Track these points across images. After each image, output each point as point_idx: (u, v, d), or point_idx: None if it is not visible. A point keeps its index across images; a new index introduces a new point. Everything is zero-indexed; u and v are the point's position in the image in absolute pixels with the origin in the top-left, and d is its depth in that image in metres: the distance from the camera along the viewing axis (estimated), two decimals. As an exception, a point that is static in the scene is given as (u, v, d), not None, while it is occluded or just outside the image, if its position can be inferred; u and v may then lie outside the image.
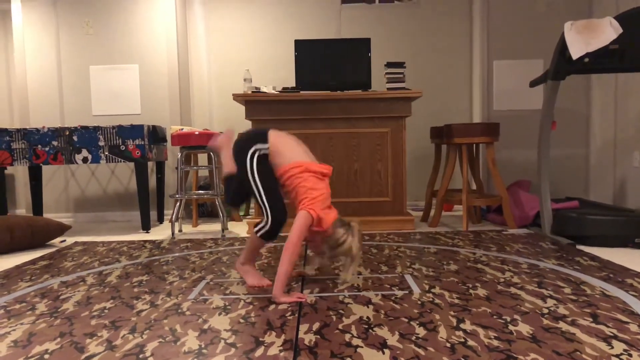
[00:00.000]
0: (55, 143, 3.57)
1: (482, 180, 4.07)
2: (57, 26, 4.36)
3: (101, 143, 3.57)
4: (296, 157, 2.01)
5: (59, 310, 1.84)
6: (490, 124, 3.50)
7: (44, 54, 4.38)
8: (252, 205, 4.55)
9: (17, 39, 4.37)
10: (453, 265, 2.37)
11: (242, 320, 1.67)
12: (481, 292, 1.91)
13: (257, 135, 2.05)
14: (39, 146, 3.57)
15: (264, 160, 2.00)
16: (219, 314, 1.74)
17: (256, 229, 2.00)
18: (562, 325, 1.53)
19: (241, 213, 4.44)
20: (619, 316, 1.60)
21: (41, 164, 3.63)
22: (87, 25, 4.33)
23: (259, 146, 1.99)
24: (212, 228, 3.86)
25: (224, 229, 3.49)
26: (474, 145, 3.83)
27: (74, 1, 4.33)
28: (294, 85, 3.67)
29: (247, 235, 3.41)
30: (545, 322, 1.56)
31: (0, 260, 2.85)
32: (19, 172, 4.82)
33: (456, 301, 1.80)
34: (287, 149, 2.03)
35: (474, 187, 3.98)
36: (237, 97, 3.45)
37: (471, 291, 1.92)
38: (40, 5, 4.34)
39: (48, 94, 4.40)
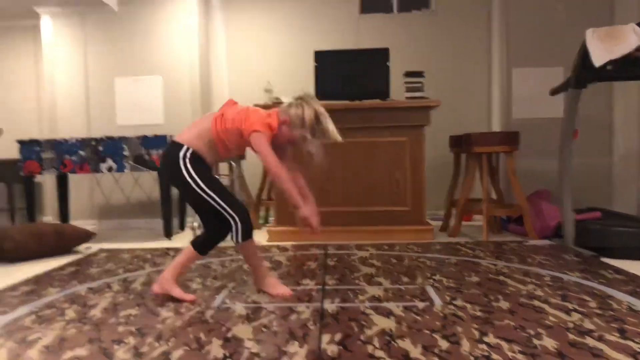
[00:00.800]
0: (82, 153, 3.67)
1: (502, 189, 4.04)
2: (84, 39, 4.50)
3: (126, 153, 3.66)
4: (205, 123, 2.02)
5: (87, 316, 1.89)
6: (510, 133, 3.48)
7: (71, 67, 4.52)
8: (270, 213, 4.60)
9: (46, 53, 4.52)
10: (474, 277, 2.36)
11: (264, 329, 1.69)
12: (504, 304, 1.90)
13: (168, 148, 2.05)
14: (67, 156, 3.67)
15: (197, 159, 1.97)
16: (242, 323, 1.77)
17: (233, 237, 1.99)
18: (589, 340, 1.52)
19: (261, 221, 4.48)
20: (646, 331, 1.58)
21: (68, 173, 3.73)
22: (113, 38, 4.45)
23: (181, 152, 1.97)
24: (232, 236, 3.90)
25: (244, 237, 3.52)
26: (494, 154, 3.81)
27: (101, 16, 4.46)
28: (313, 95, 3.71)
29: (271, 243, 3.44)
30: (571, 336, 1.55)
31: (30, 265, 2.94)
32: (47, 180, 4.96)
33: (479, 314, 1.80)
34: (195, 127, 2.04)
35: (494, 196, 3.95)
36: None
37: (494, 304, 1.92)
38: (69, 21, 4.49)
39: (75, 105, 4.53)
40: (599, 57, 2.80)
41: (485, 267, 2.57)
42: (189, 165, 1.96)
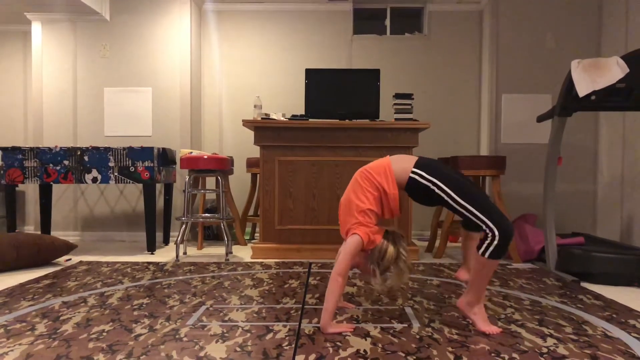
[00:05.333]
0: (66, 162, 3.64)
1: (488, 212, 4.05)
2: (75, 48, 4.50)
3: (111, 164, 3.64)
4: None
5: (58, 331, 1.85)
6: (497, 157, 3.51)
7: (60, 75, 4.51)
8: (257, 230, 4.57)
9: (35, 59, 4.51)
10: (455, 299, 2.34)
11: (238, 349, 1.67)
12: (481, 328, 1.89)
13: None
14: (51, 165, 3.64)
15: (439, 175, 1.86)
16: (216, 342, 1.74)
17: (483, 250, 1.75)
18: (561, 366, 1.51)
19: (246, 237, 4.45)
20: (619, 359, 1.58)
21: (52, 183, 3.69)
22: (104, 48, 4.46)
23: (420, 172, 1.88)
24: (216, 251, 3.87)
25: (228, 252, 3.50)
26: (480, 177, 3.83)
27: (93, 25, 4.48)
28: (303, 113, 3.73)
29: (255, 260, 3.41)
30: (544, 362, 1.54)
31: (6, 277, 2.88)
32: (30, 189, 4.90)
33: (455, 337, 1.79)
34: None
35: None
36: (246, 123, 3.51)
37: (471, 327, 1.90)
38: (60, 28, 4.50)
39: (62, 113, 4.51)
40: (584, 87, 2.85)
41: (466, 289, 2.56)
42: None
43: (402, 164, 1.91)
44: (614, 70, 2.82)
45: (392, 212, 1.93)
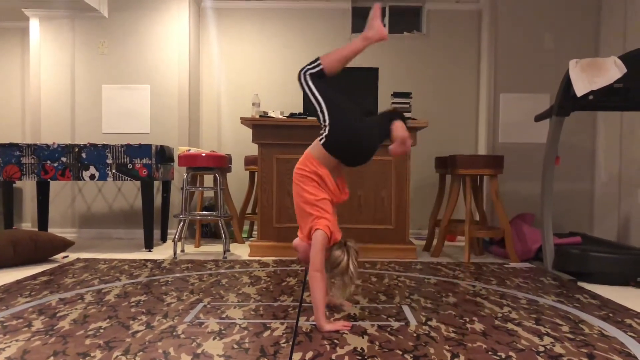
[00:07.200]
0: (64, 159, 3.63)
1: (486, 212, 4.06)
2: (73, 45, 4.48)
3: (109, 161, 3.63)
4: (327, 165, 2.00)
5: (55, 328, 1.85)
6: (495, 157, 3.52)
7: (58, 71, 4.49)
8: (255, 228, 4.57)
9: (33, 56, 4.49)
10: (452, 298, 2.35)
11: (235, 346, 1.67)
12: (478, 326, 1.90)
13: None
14: (48, 162, 3.63)
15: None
16: (214, 339, 1.74)
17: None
18: (558, 365, 1.51)
19: (244, 235, 4.45)
20: (616, 358, 1.58)
21: (49, 180, 3.68)
22: (102, 45, 4.45)
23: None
24: (214, 249, 3.87)
25: (226, 250, 3.49)
26: (478, 176, 3.84)
27: (92, 21, 4.46)
28: (301, 111, 3.73)
29: (252, 258, 3.41)
30: (541, 361, 1.55)
31: (2, 274, 2.88)
32: (27, 186, 4.89)
33: (452, 335, 1.79)
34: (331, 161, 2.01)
35: (478, 218, 3.97)
36: (244, 121, 3.51)
37: (468, 325, 1.91)
38: (58, 24, 4.48)
39: (60, 110, 4.50)
40: (581, 87, 2.86)
41: (463, 288, 2.57)
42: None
43: (315, 144, 2.02)
44: (611, 70, 2.82)
45: (335, 192, 2.00)
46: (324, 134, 1.98)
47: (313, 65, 2.03)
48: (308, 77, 2.00)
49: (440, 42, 4.72)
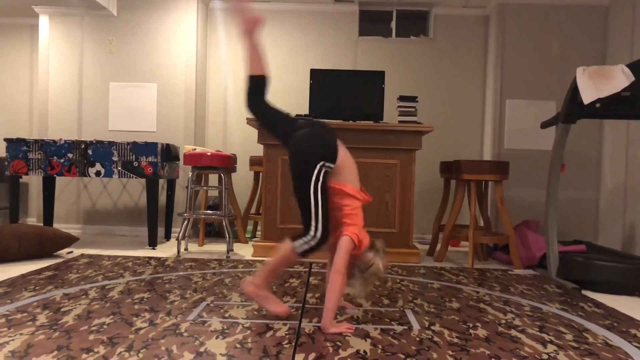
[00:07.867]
0: (70, 155, 3.65)
1: (490, 217, 4.05)
2: (81, 42, 4.51)
3: (115, 158, 3.64)
4: (351, 180, 2.02)
5: (59, 322, 1.86)
6: (500, 162, 3.51)
7: (67, 68, 4.52)
8: (258, 228, 4.58)
9: (42, 53, 4.53)
10: (455, 303, 2.34)
11: (238, 346, 1.67)
12: (481, 332, 1.89)
13: (326, 148, 1.99)
14: (55, 157, 3.65)
15: (326, 176, 1.97)
16: (216, 338, 1.74)
17: (298, 243, 1.95)
18: (561, 373, 1.51)
19: (248, 235, 4.45)
20: (620, 367, 1.58)
21: (55, 175, 3.70)
22: (110, 43, 4.48)
23: (327, 164, 1.96)
24: (217, 248, 3.87)
25: (230, 250, 3.50)
26: (483, 182, 3.83)
27: (101, 19, 4.49)
28: (307, 112, 3.74)
29: (255, 258, 3.42)
30: (544, 368, 1.54)
31: (7, 268, 2.89)
32: (33, 181, 4.92)
33: (455, 340, 1.79)
34: (346, 168, 2.03)
35: (482, 223, 3.96)
36: (250, 122, 3.52)
37: (471, 331, 1.90)
38: (67, 22, 4.51)
39: (67, 107, 4.52)
40: (588, 94, 2.85)
41: (467, 293, 2.56)
42: (322, 172, 1.95)
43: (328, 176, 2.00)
44: (619, 79, 2.81)
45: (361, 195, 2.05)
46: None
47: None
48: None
49: (447, 46, 4.73)
